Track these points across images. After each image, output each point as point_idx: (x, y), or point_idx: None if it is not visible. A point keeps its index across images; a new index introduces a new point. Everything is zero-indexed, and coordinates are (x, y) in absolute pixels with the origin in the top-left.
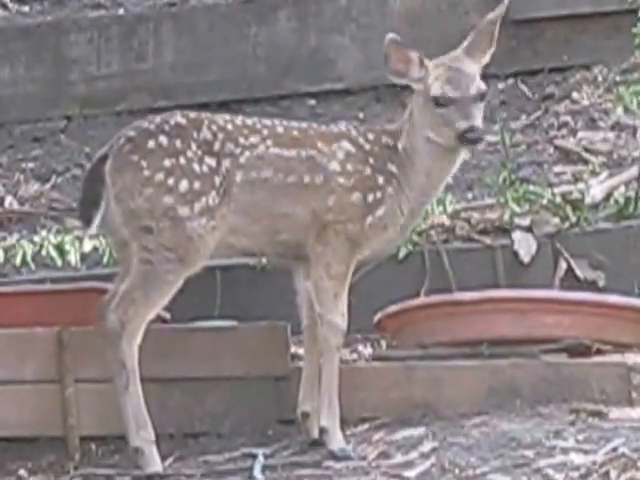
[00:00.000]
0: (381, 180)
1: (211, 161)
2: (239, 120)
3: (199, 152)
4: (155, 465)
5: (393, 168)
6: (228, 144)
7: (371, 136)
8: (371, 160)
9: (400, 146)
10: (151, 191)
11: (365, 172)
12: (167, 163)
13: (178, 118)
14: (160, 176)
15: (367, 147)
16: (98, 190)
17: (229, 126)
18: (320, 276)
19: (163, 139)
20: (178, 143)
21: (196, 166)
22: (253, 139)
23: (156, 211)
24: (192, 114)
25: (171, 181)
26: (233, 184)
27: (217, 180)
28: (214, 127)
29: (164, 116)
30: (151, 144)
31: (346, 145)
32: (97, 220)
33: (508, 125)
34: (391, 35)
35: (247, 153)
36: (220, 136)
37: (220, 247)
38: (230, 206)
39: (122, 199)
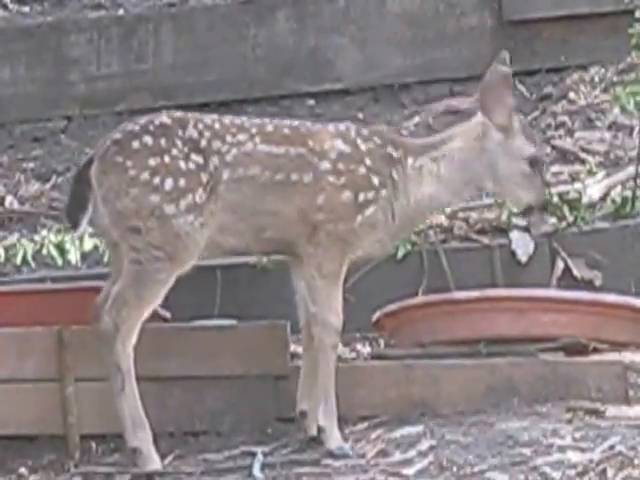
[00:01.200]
0: (376, 181)
1: (197, 158)
2: (227, 119)
3: (185, 149)
4: (154, 463)
5: (395, 176)
6: (215, 142)
7: (376, 140)
8: (367, 161)
9: (415, 164)
10: (137, 191)
11: (359, 171)
12: (152, 162)
13: (163, 118)
14: (145, 175)
15: (364, 147)
16: (85, 193)
17: (216, 125)
18: (312, 276)
19: (148, 139)
20: (163, 142)
21: (182, 164)
22: (241, 137)
23: (143, 211)
24: (178, 114)
25: (156, 180)
26: (220, 182)
27: (204, 177)
28: (200, 125)
29: (150, 117)
30: (135, 144)
31: (340, 144)
32: (84, 223)
33: None
34: (505, 68)
35: (234, 150)
36: (207, 134)
37: (208, 246)
38: (217, 204)
39: (109, 200)
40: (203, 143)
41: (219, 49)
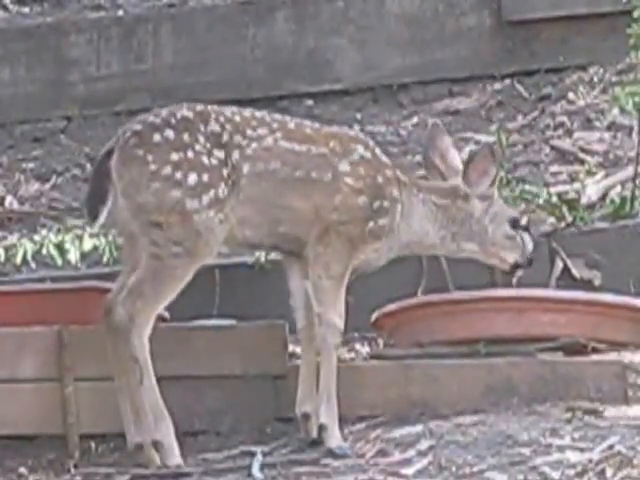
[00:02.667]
0: (394, 193)
1: (219, 153)
2: (247, 112)
3: (207, 145)
4: (176, 457)
5: (403, 198)
6: (236, 135)
7: (388, 160)
8: (387, 172)
9: (420, 195)
10: (158, 185)
11: (377, 179)
12: (174, 157)
13: (185, 111)
14: (167, 170)
15: (383, 160)
16: (105, 185)
17: (237, 118)
18: (319, 276)
19: (169, 132)
20: (185, 137)
21: (205, 159)
22: (261, 131)
23: (164, 206)
24: (199, 106)
25: (179, 175)
26: (241, 175)
27: (225, 172)
28: (222, 119)
29: (171, 109)
30: (157, 138)
31: (361, 149)
32: (103, 216)
33: (505, 125)
34: (490, 143)
35: (254, 144)
36: (228, 127)
37: (223, 241)
38: (239, 197)
39: (129, 194)
40: (225, 137)
41: (218, 50)
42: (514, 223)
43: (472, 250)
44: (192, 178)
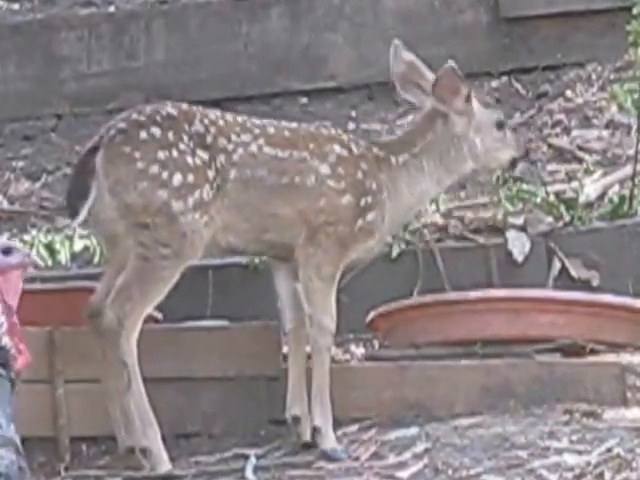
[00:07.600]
0: (374, 186)
1: (203, 154)
2: (229, 116)
3: (191, 145)
4: (165, 463)
5: (384, 178)
6: (221, 139)
7: (363, 143)
8: (363, 165)
9: (399, 160)
10: (145, 185)
11: (357, 176)
12: (160, 155)
13: (169, 109)
14: (154, 169)
15: (357, 152)
16: (87, 182)
17: (220, 121)
18: (310, 277)
19: (155, 130)
20: (170, 135)
21: (189, 159)
22: (245, 137)
23: (151, 207)
24: (184, 105)
25: (165, 174)
26: (227, 180)
27: (210, 174)
28: (206, 120)
29: (155, 106)
30: (143, 135)
31: (337, 148)
32: (84, 212)
33: None
34: (452, 63)
35: (240, 150)
36: (212, 130)
37: (207, 244)
38: (224, 202)
39: (117, 192)
40: (209, 139)
41: (211, 46)
42: (499, 124)
43: (469, 168)
44: (177, 178)
